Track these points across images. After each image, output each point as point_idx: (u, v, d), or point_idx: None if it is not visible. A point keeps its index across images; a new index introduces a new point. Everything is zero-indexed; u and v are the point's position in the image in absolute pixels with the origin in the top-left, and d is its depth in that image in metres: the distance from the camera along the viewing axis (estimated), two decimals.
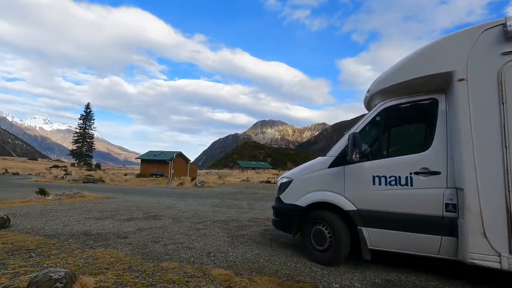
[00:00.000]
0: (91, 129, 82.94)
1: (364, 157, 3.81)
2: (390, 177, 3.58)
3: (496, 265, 2.92)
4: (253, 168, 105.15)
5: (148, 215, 7.89)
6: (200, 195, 15.61)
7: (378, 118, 3.89)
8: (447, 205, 3.25)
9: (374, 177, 3.68)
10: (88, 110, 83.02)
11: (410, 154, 3.63)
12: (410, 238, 3.42)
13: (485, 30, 3.18)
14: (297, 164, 4.57)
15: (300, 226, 4.23)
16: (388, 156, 3.93)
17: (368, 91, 4.29)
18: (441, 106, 3.49)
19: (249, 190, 20.38)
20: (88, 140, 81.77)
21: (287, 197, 4.38)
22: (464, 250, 3.06)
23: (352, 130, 3.87)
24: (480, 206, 3.01)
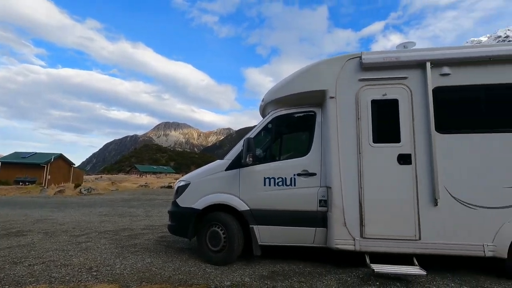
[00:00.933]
0: None
1: (257, 160, 4.15)
2: (278, 178, 4.01)
3: (352, 248, 3.65)
4: (154, 173, 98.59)
5: (8, 231, 6.33)
6: (85, 204, 13.52)
7: (269, 126, 4.31)
8: (320, 201, 3.87)
9: (265, 178, 4.04)
10: None
11: (295, 158, 4.17)
12: (293, 231, 3.91)
13: (348, 59, 3.99)
14: None
15: (196, 229, 4.22)
16: (278, 159, 4.39)
17: (262, 100, 4.71)
18: (318, 118, 4.15)
19: (147, 196, 18.92)
20: None
21: (184, 201, 4.32)
22: (331, 238, 3.72)
23: (247, 136, 4.15)
24: (343, 201, 3.72)
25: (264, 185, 4.03)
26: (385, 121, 3.83)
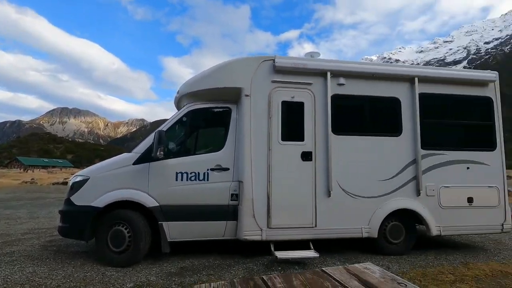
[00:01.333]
0: None
1: (170, 154, 3.99)
2: (191, 173, 3.95)
3: (259, 238, 3.91)
4: (45, 167, 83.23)
5: None
6: None
7: (184, 119, 4.20)
8: (232, 195, 4.00)
9: (177, 173, 3.93)
10: None
11: (209, 153, 4.18)
12: (204, 226, 3.93)
13: (263, 61, 4.22)
14: None
15: (95, 230, 3.78)
16: (192, 154, 4.31)
17: (178, 92, 4.54)
18: (233, 114, 4.26)
19: (33, 194, 15.82)
20: None
21: (81, 198, 3.82)
22: (241, 229, 3.89)
23: (159, 128, 3.94)
24: (253, 194, 3.94)
25: (176, 180, 3.91)
26: (292, 121, 4.22)
